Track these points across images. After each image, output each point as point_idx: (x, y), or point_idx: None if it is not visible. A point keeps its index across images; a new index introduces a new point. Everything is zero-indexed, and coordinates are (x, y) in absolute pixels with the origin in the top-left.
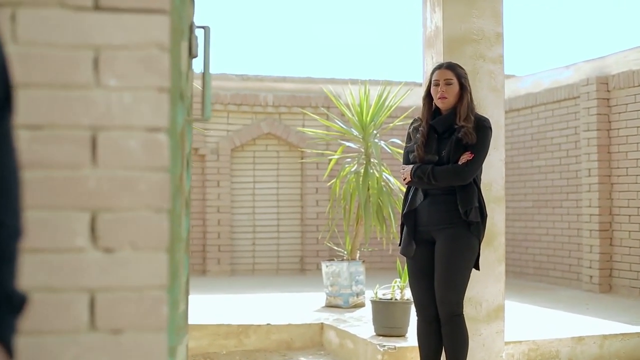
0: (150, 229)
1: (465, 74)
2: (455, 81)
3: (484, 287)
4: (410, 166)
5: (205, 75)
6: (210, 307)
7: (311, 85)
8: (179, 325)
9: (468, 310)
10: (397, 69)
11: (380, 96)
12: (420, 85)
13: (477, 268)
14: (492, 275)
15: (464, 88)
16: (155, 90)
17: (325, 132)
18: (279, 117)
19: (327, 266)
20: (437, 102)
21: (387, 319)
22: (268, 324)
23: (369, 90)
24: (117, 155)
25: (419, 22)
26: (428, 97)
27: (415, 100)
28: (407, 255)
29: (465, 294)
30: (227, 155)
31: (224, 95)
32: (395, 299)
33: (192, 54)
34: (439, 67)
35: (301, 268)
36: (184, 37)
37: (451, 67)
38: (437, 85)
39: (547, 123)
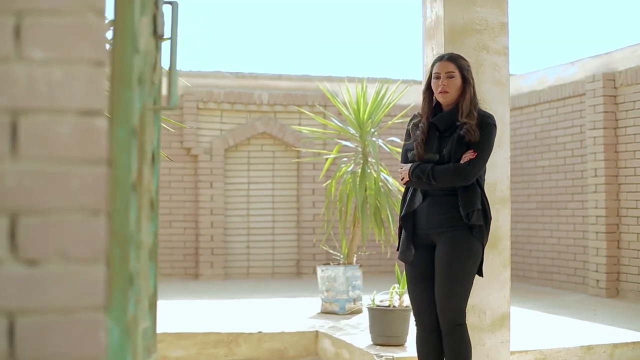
0: (83, 236)
1: (469, 65)
2: (457, 74)
3: (488, 294)
4: (409, 165)
5: (171, 56)
6: (201, 313)
7: (308, 83)
8: (142, 345)
9: (471, 319)
10: (396, 67)
11: (377, 93)
12: (420, 83)
13: (481, 274)
14: (497, 281)
15: (466, 81)
16: (89, 64)
17: (322, 130)
18: (275, 116)
19: (322, 270)
20: (438, 96)
21: (384, 328)
22: (260, 332)
23: (366, 87)
24: (43, 145)
25: (419, 12)
26: (428, 90)
27: (414, 98)
28: (406, 260)
29: (468, 302)
30: (220, 155)
31: (217, 93)
32: (394, 306)
33: (157, 33)
34: (440, 58)
35: (297, 272)
36: (146, 12)
37: (453, 58)
38: (438, 78)
39: (552, 121)
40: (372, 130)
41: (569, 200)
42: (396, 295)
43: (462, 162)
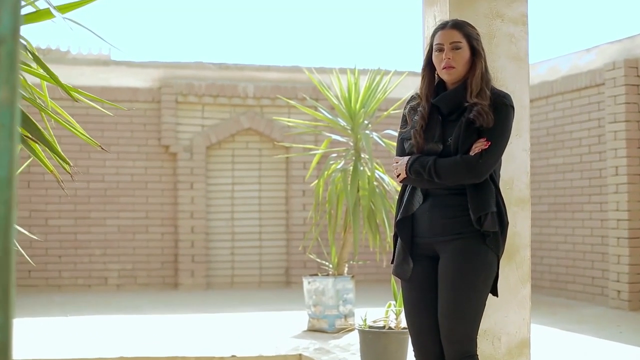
0: None
1: (478, 34)
2: (464, 44)
3: (504, 316)
4: (406, 158)
5: None
6: (173, 330)
7: (297, 74)
8: None
9: (483, 347)
10: (392, 60)
11: (371, 81)
12: (419, 75)
13: (495, 293)
14: (514, 300)
15: (476, 53)
16: None
17: (310, 122)
18: (261, 111)
19: (309, 282)
20: (441, 73)
21: (378, 353)
22: (233, 356)
23: (358, 75)
24: None
25: None
26: (429, 66)
27: (413, 89)
28: (402, 276)
29: (480, 326)
30: (202, 153)
31: (198, 85)
32: (390, 328)
33: None
34: (443, 26)
35: (286, 281)
36: None
37: (459, 25)
38: (440, 50)
39: (566, 115)
40: (366, 122)
41: (586, 202)
42: (392, 314)
43: (471, 153)
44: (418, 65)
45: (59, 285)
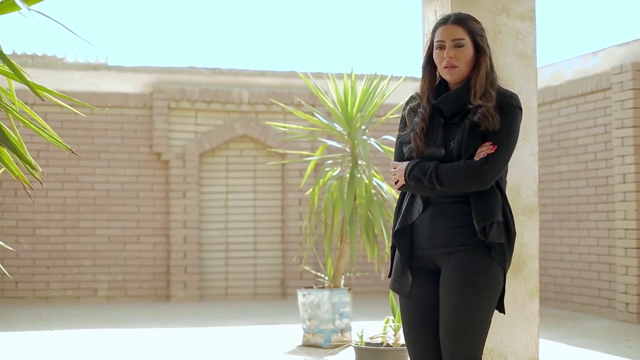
0: None
1: (483, 30)
2: (467, 41)
3: (510, 334)
4: (405, 163)
5: None
6: (159, 348)
7: (293, 80)
8: None
9: None
10: (391, 65)
11: (369, 84)
12: (419, 80)
13: (502, 310)
14: (522, 316)
15: (480, 50)
16: None
17: (306, 127)
18: (256, 117)
19: (304, 295)
20: (443, 72)
21: None
22: None
23: (355, 79)
24: None
25: None
26: (429, 64)
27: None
28: (400, 291)
29: (485, 345)
30: (194, 161)
31: (191, 91)
32: (388, 345)
33: None
34: (444, 21)
35: (282, 292)
36: None
37: (461, 20)
38: (441, 47)
39: (570, 121)
40: (363, 127)
41: (592, 211)
42: (390, 330)
43: (476, 158)
44: (416, 71)
45: (46, 297)
